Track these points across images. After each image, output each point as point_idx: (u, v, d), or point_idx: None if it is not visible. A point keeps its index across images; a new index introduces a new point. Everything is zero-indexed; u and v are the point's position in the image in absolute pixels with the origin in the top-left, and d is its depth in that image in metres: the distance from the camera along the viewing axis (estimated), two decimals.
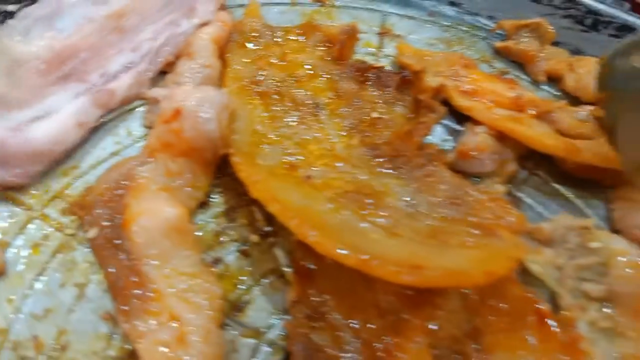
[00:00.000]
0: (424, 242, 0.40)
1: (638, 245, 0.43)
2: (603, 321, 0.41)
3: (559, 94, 0.56)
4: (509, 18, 0.59)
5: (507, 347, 0.38)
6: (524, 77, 0.57)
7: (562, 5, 0.58)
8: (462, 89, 0.50)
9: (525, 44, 0.57)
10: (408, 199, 0.44)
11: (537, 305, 0.39)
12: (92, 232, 0.40)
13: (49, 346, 0.36)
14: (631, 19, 0.57)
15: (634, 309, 0.40)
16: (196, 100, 0.43)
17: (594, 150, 0.47)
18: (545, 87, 0.57)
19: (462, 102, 0.49)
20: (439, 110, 0.48)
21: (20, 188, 0.43)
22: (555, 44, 0.59)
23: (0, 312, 0.37)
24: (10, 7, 0.52)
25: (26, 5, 0.50)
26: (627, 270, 0.41)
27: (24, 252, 0.40)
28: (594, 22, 0.58)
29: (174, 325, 0.36)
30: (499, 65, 0.57)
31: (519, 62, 0.58)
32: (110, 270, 0.39)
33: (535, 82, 0.56)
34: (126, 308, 0.37)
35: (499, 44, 0.58)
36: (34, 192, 0.43)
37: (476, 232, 0.41)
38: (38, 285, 0.38)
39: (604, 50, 0.46)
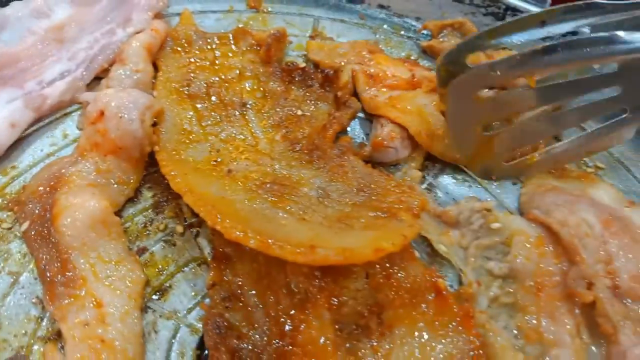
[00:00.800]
0: (331, 226, 0.44)
1: (537, 225, 0.47)
2: (504, 297, 0.44)
3: None
4: (434, 19, 0.63)
5: (407, 320, 0.41)
6: None
7: (483, 4, 0.62)
8: (368, 72, 0.53)
9: (448, 42, 0.61)
10: (321, 188, 0.47)
11: (435, 280, 0.42)
12: (25, 226, 0.43)
13: None
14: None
15: (533, 286, 0.43)
16: (118, 101, 0.46)
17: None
18: None
19: (363, 94, 0.53)
20: (353, 105, 0.51)
21: None
22: None
23: None
24: None
25: None
26: (525, 248, 0.44)
27: None
28: (512, 15, 0.61)
29: (96, 307, 0.39)
30: (425, 63, 0.61)
31: None
32: (40, 259, 0.42)
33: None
34: (53, 293, 0.40)
35: (424, 43, 0.62)
36: None
37: (380, 215, 0.44)
38: None
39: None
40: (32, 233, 0.43)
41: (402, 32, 0.64)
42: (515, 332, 0.42)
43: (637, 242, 0.42)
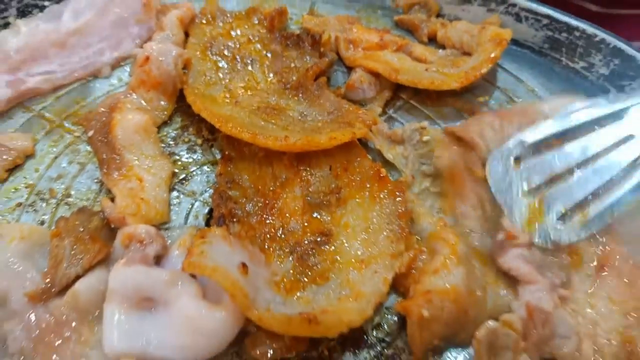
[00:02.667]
0: (304, 132, 0.60)
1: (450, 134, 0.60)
2: (432, 187, 0.58)
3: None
4: None
5: (357, 196, 0.56)
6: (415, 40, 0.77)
7: None
8: (348, 38, 0.70)
9: (415, 16, 0.77)
10: (301, 112, 0.63)
11: (378, 169, 0.57)
12: (90, 133, 0.61)
13: (59, 193, 0.57)
14: None
15: (450, 176, 0.58)
16: (159, 50, 0.64)
17: (411, 73, 0.66)
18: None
19: (343, 53, 0.70)
20: (331, 56, 0.68)
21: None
22: (441, 15, 0.79)
23: (29, 175, 0.58)
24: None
25: None
26: (442, 150, 0.58)
27: (47, 145, 0.62)
28: None
29: (138, 181, 0.57)
30: (397, 33, 0.77)
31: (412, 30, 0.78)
32: (100, 153, 0.60)
33: (422, 42, 0.75)
34: (109, 174, 0.58)
35: (396, 17, 0.78)
36: (54, 111, 0.66)
37: (342, 125, 0.60)
38: (55, 162, 0.60)
39: (474, 16, 0.66)
40: (96, 137, 0.61)
41: (379, 11, 0.80)
42: (437, 211, 0.57)
43: (533, 122, 0.56)
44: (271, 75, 0.68)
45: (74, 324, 0.45)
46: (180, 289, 0.46)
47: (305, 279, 0.50)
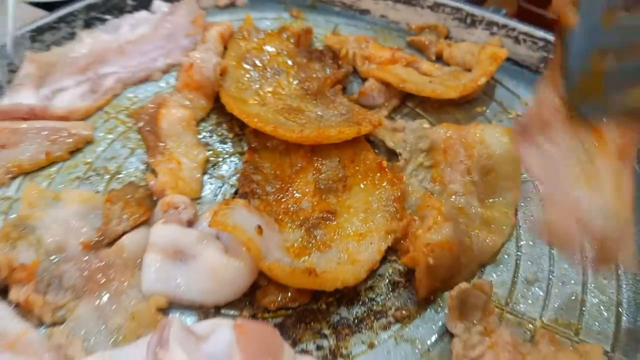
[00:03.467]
0: (318, 128, 0.69)
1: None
2: (426, 162, 0.67)
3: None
4: (418, 23, 0.89)
5: (360, 183, 0.65)
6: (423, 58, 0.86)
7: (452, 12, 0.88)
8: (364, 54, 0.80)
9: (425, 38, 0.87)
10: (318, 113, 0.73)
11: (380, 161, 0.66)
12: (140, 124, 0.73)
13: (112, 170, 0.68)
14: (499, 18, 0.85)
15: (444, 148, 0.65)
16: (201, 58, 0.76)
17: (416, 83, 0.75)
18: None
19: (359, 67, 0.80)
20: (346, 67, 0.78)
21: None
22: (449, 38, 0.89)
23: (88, 155, 0.70)
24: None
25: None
26: (439, 128, 0.67)
27: (104, 132, 0.73)
28: (472, 21, 0.86)
29: (176, 163, 0.67)
30: (409, 51, 0.87)
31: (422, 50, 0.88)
32: (148, 141, 0.71)
33: (430, 60, 0.85)
34: (154, 157, 0.69)
35: (409, 38, 0.88)
36: (111, 106, 0.78)
37: (351, 124, 0.70)
38: (110, 146, 0.71)
39: (477, 38, 0.76)
40: (144, 128, 0.72)
41: (394, 32, 0.91)
42: (428, 182, 0.65)
43: None
44: (295, 82, 0.79)
45: (118, 268, 0.56)
46: (206, 245, 0.56)
47: (311, 246, 0.59)
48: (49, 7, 0.94)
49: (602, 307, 0.54)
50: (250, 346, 0.42)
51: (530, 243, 0.60)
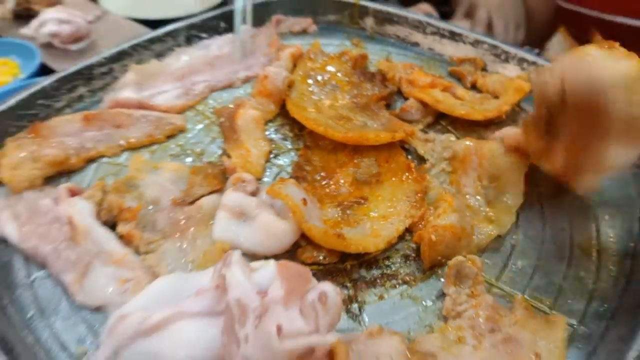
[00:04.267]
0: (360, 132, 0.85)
1: None
2: (447, 168, 0.80)
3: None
4: (459, 56, 1.04)
5: (391, 179, 0.80)
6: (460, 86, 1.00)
7: (489, 49, 1.02)
8: (408, 78, 0.95)
9: (464, 68, 1.01)
10: (363, 121, 0.89)
11: (408, 162, 0.80)
12: (221, 120, 0.92)
13: (197, 153, 0.87)
14: (530, 56, 0.98)
15: (462, 158, 0.79)
16: (274, 72, 0.94)
17: (448, 104, 0.89)
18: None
19: (403, 89, 0.95)
20: (391, 87, 0.94)
21: None
22: (485, 70, 1.02)
23: (181, 140, 0.89)
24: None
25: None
26: (459, 142, 0.80)
27: (193, 124, 0.93)
28: (507, 57, 1.00)
29: (245, 151, 0.85)
30: (448, 79, 1.01)
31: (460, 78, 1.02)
32: (226, 132, 0.89)
33: (465, 87, 0.99)
34: (230, 144, 0.87)
35: (450, 68, 1.03)
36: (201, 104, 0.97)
37: (389, 131, 0.85)
38: (197, 134, 0.90)
39: (510, 72, 0.91)
40: (224, 123, 0.91)
41: (438, 62, 1.06)
42: (447, 184, 0.78)
43: None
44: (347, 97, 0.96)
45: (196, 221, 0.73)
46: (262, 210, 0.72)
47: (343, 222, 0.74)
48: (154, 25, 1.16)
49: (577, 293, 0.66)
50: (288, 275, 0.58)
51: (527, 239, 0.73)
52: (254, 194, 0.77)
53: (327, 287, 0.55)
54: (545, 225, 0.74)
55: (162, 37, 1.07)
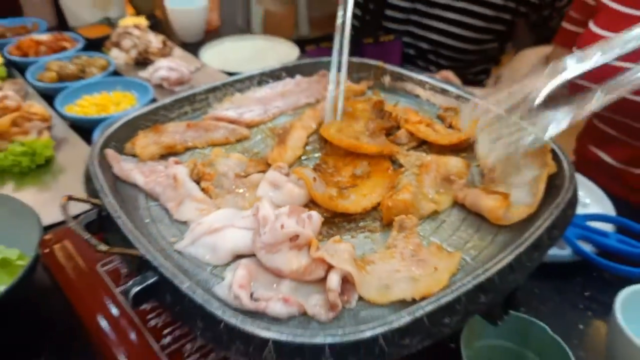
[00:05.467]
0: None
1: None
2: (416, 172, 1.19)
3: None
4: (446, 105, 1.45)
5: (375, 176, 1.20)
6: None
7: (466, 100, 1.42)
8: (404, 117, 1.37)
9: (447, 114, 1.41)
10: (367, 141, 1.31)
11: (389, 167, 1.20)
12: (279, 132, 1.37)
13: (254, 153, 1.32)
14: None
15: (425, 166, 1.18)
16: (322, 104, 1.40)
17: (426, 133, 1.29)
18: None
19: (401, 124, 1.36)
20: (392, 123, 1.36)
21: None
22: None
23: (246, 144, 1.35)
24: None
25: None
26: (427, 157, 1.20)
27: (263, 135, 1.38)
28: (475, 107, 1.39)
29: (285, 151, 1.29)
30: (436, 120, 1.41)
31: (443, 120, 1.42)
32: (278, 141, 1.34)
33: (445, 126, 1.38)
34: (278, 147, 1.31)
35: (438, 113, 1.44)
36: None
37: (377, 145, 1.26)
38: (257, 142, 1.36)
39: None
40: (280, 134, 1.36)
41: (432, 108, 1.47)
42: (414, 182, 1.18)
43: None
44: (361, 125, 1.38)
45: (248, 186, 1.17)
46: (287, 182, 1.14)
47: (340, 196, 1.15)
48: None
49: (477, 248, 1.02)
50: (293, 208, 0.99)
51: (455, 217, 1.09)
52: (286, 174, 1.20)
53: (314, 212, 0.97)
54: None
55: (242, 79, 1.56)
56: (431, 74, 2.09)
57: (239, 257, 0.95)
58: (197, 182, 1.15)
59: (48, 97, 2.09)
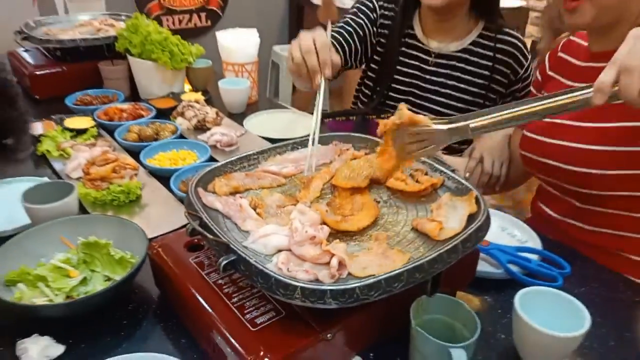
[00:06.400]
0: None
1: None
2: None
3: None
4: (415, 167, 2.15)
5: (364, 208, 1.89)
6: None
7: (430, 163, 2.12)
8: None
9: (416, 173, 2.12)
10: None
11: (370, 202, 1.89)
12: (304, 181, 2.08)
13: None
14: (447, 170, 2.07)
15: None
16: (337, 163, 2.12)
17: (396, 184, 1.99)
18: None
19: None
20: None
21: None
22: (426, 174, 2.12)
23: (284, 189, 2.06)
24: None
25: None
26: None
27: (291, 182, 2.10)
28: (434, 168, 2.09)
29: (308, 193, 2.00)
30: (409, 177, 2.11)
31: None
32: (303, 185, 2.05)
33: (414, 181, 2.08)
34: (303, 191, 2.02)
35: (411, 172, 2.14)
36: None
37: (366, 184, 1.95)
38: (290, 187, 2.08)
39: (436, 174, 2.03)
40: (305, 182, 2.07)
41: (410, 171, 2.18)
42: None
43: None
44: (358, 177, 2.09)
45: (284, 213, 1.87)
46: (309, 211, 1.84)
47: (342, 221, 1.83)
48: (274, 141, 2.40)
49: (421, 252, 1.69)
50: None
51: (412, 235, 1.77)
52: (309, 207, 1.90)
53: (325, 226, 1.67)
54: None
55: (281, 146, 2.28)
56: None
57: (279, 251, 1.64)
58: (254, 209, 1.86)
59: (130, 152, 2.85)
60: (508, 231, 1.98)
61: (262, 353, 1.18)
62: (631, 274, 1.80)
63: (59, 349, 1.32)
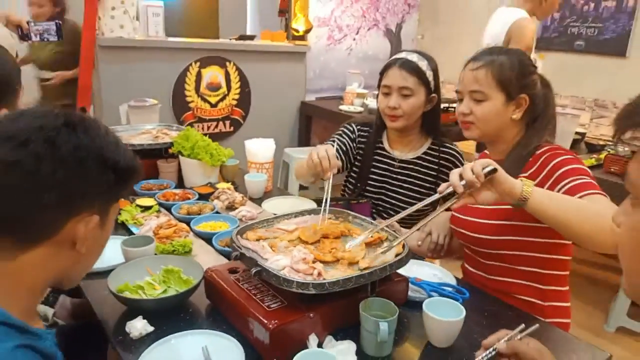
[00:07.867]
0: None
1: None
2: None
3: None
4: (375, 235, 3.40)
5: (337, 249, 3.11)
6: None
7: (390, 232, 3.38)
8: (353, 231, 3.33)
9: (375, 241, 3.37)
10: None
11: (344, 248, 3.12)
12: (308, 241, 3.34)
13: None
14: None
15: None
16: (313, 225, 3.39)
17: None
18: None
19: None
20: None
21: None
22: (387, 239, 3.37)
23: (292, 237, 3.32)
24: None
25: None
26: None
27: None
28: (394, 237, 3.34)
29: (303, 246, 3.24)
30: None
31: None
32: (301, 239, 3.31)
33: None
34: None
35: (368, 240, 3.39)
36: None
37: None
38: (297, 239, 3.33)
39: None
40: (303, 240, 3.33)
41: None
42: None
43: None
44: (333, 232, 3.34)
45: (289, 249, 3.10)
46: (304, 248, 3.07)
47: (324, 255, 3.05)
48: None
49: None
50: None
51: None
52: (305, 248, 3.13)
53: (311, 254, 2.92)
54: None
55: (288, 215, 3.56)
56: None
57: (284, 267, 2.87)
58: (271, 247, 3.10)
59: (182, 221, 4.12)
60: (438, 276, 3.06)
61: (273, 321, 2.18)
62: (519, 307, 2.44)
63: (150, 328, 2.10)
